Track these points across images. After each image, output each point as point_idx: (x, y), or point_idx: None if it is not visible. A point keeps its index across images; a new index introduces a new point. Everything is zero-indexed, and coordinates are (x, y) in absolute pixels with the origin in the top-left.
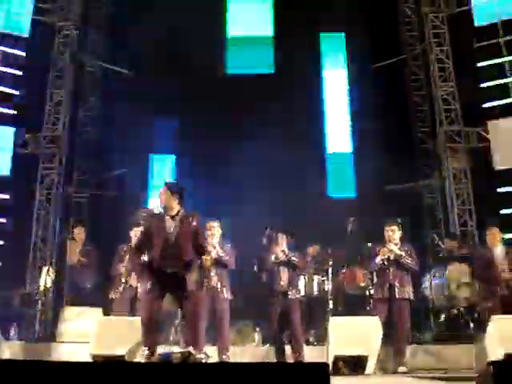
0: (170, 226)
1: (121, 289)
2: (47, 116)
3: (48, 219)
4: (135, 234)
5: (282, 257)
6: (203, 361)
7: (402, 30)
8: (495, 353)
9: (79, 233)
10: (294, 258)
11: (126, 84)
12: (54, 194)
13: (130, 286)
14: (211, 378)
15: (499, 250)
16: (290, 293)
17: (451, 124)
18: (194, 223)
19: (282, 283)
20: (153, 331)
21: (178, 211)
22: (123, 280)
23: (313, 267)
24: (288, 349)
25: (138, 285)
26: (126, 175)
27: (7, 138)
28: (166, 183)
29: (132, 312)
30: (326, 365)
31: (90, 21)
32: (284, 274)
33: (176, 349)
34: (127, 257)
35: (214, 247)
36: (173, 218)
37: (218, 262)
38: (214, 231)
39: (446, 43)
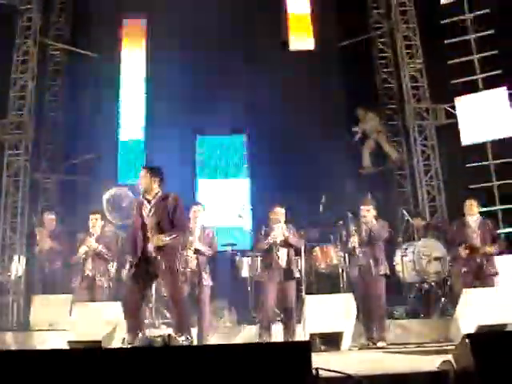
0: (147, 209)
1: (79, 278)
2: (12, 102)
3: (16, 206)
4: (92, 222)
5: (279, 237)
6: (184, 343)
7: (368, 7)
8: (467, 325)
9: (48, 218)
10: (291, 238)
11: (91, 67)
12: (22, 180)
13: (87, 275)
14: (193, 361)
15: (474, 219)
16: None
17: (419, 101)
18: (171, 202)
19: (280, 262)
20: (136, 316)
21: (156, 194)
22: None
23: None
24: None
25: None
26: (95, 160)
27: None
28: (144, 166)
29: (92, 301)
30: (308, 343)
31: (52, 3)
32: (283, 254)
33: (154, 332)
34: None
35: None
36: (149, 202)
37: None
38: (198, 215)
39: (412, 20)
